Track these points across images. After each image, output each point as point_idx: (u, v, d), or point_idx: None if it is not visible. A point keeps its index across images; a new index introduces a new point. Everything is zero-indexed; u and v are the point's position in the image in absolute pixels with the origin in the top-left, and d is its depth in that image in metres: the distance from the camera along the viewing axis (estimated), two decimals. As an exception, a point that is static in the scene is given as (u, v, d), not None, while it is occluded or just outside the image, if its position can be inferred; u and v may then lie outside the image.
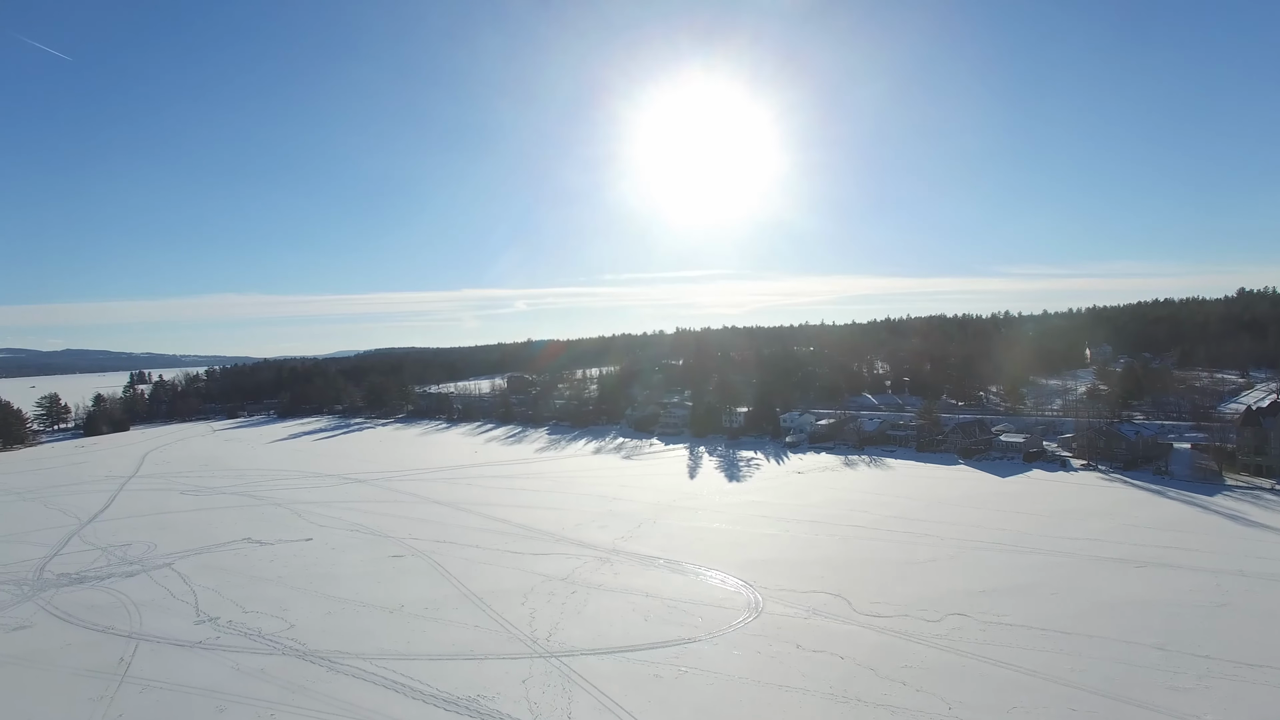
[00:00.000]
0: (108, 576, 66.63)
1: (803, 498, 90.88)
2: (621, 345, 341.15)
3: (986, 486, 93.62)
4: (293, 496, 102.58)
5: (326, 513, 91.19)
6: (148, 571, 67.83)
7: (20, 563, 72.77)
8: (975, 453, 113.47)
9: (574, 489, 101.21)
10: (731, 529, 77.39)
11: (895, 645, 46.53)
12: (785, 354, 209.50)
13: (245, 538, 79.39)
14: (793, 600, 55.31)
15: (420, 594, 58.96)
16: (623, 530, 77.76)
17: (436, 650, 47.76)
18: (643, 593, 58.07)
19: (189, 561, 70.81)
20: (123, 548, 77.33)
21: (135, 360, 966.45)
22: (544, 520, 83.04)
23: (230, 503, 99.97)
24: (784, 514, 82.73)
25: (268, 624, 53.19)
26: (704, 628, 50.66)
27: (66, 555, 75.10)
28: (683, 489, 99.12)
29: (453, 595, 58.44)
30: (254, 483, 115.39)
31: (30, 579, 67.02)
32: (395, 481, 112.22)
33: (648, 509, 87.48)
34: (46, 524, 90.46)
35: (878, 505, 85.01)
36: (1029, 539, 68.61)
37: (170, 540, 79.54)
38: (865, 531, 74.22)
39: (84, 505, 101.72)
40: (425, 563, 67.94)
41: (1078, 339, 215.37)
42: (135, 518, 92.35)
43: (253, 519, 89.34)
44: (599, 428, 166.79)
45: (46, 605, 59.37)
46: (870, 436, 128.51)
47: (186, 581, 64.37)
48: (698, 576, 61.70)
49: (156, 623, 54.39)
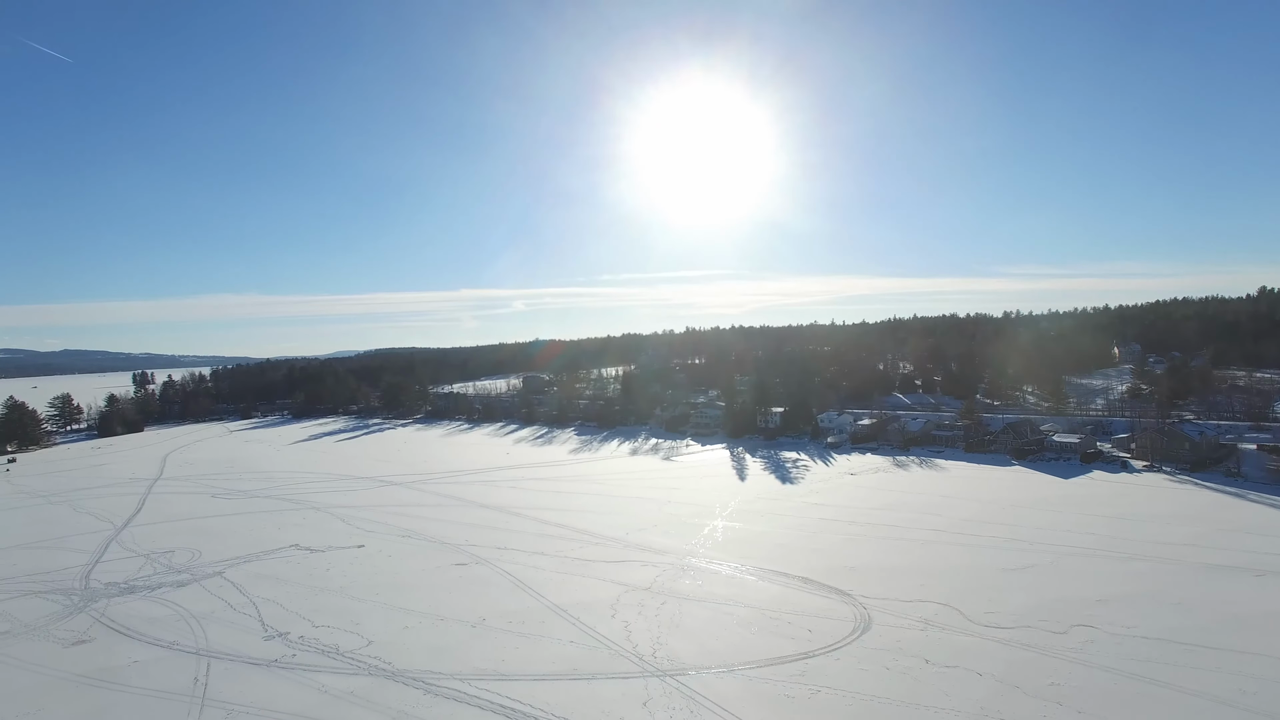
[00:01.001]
0: (158, 586, 63.07)
1: (865, 500, 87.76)
2: (624, 345, 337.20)
3: (1052, 489, 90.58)
4: (330, 500, 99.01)
5: (371, 517, 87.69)
6: (199, 581, 64.29)
7: (62, 570, 69.14)
8: (1028, 453, 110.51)
9: (623, 492, 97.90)
10: (802, 533, 74.17)
11: (1031, 660, 43.36)
12: (814, 353, 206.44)
13: (293, 544, 75.86)
14: (899, 610, 52.12)
15: (499, 606, 55.58)
16: (690, 535, 74.50)
17: (537, 669, 44.41)
18: (736, 603, 54.83)
19: (240, 570, 67.28)
20: (165, 554, 73.75)
21: (134, 360, 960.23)
22: (603, 525, 79.72)
23: (266, 507, 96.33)
24: (852, 517, 79.60)
25: (343, 640, 49.75)
26: (816, 641, 47.45)
27: (109, 563, 71.47)
28: (736, 492, 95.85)
29: (535, 607, 55.09)
30: (285, 486, 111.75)
31: (77, 588, 63.42)
32: (432, 484, 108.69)
33: (707, 513, 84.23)
34: (80, 529, 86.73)
35: (947, 508, 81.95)
36: (1122, 544, 65.55)
37: (214, 547, 75.98)
38: (945, 536, 71.10)
39: (114, 509, 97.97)
40: (493, 571, 64.52)
41: (1103, 338, 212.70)
42: (171, 522, 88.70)
43: (295, 524, 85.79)
44: (627, 428, 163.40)
45: (101, 617, 55.83)
46: (914, 437, 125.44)
47: (243, 592, 60.87)
48: (788, 585, 58.46)
49: (223, 638, 50.89)
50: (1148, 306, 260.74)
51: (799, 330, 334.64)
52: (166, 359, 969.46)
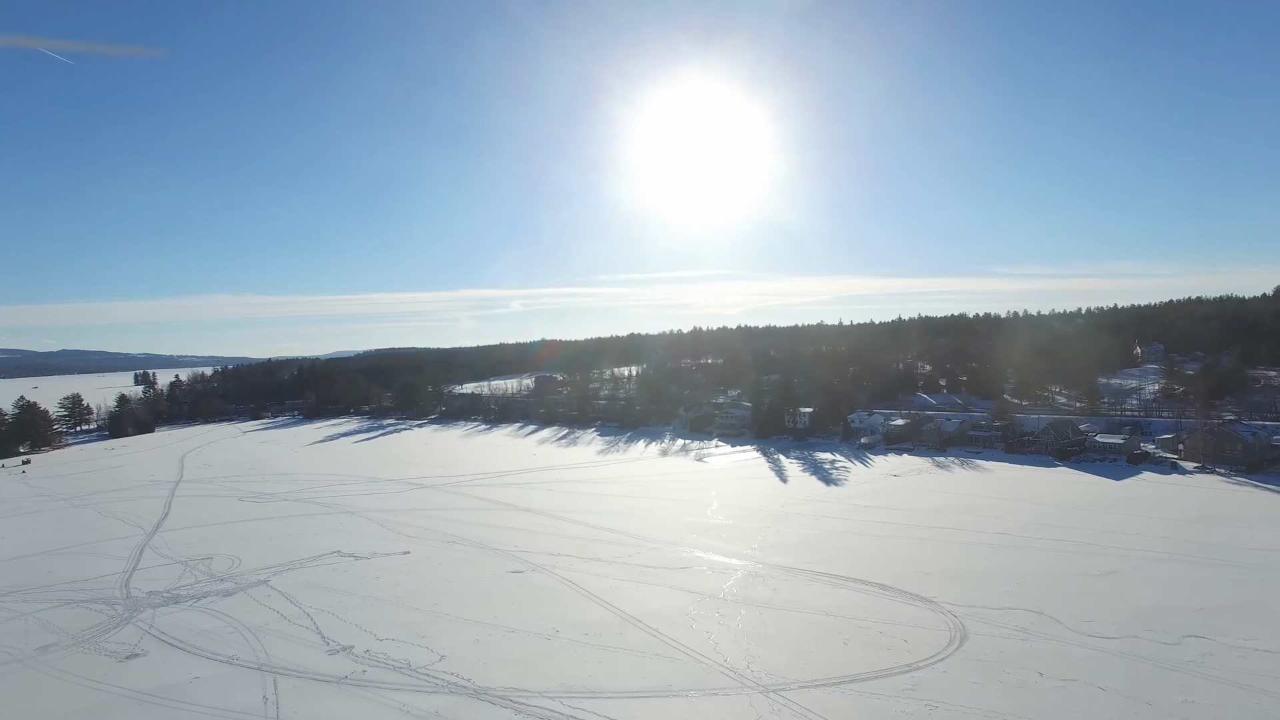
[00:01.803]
0: (203, 595, 60.36)
1: (917, 502, 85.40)
2: (625, 346, 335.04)
3: (1106, 491, 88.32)
4: (362, 504, 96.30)
5: (409, 522, 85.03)
6: (245, 590, 61.58)
7: (100, 578, 66.37)
8: (1070, 454, 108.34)
9: (664, 494, 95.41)
10: (864, 537, 71.74)
11: (1153, 674, 40.95)
12: (834, 353, 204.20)
13: (335, 550, 73.14)
14: (992, 618, 49.72)
15: (568, 616, 53.03)
16: (748, 540, 72.02)
17: (629, 684, 41.90)
18: (818, 611, 52.38)
19: (285, 578, 64.58)
20: (203, 561, 71.03)
21: (133, 360, 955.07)
22: (654, 529, 77.20)
23: (298, 510, 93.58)
24: (909, 520, 77.23)
25: (413, 654, 47.15)
26: (915, 651, 45.02)
27: (146, 570, 68.71)
28: (781, 494, 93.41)
29: (606, 617, 52.57)
30: (312, 489, 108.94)
31: (119, 597, 60.69)
32: (464, 487, 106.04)
33: (758, 515, 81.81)
34: (109, 533, 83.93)
35: (1005, 510, 79.59)
36: (1204, 549, 63.18)
37: (253, 553, 73.26)
38: (1013, 539, 68.72)
39: (141, 513, 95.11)
40: (552, 579, 61.95)
41: (1122, 338, 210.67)
42: (202, 527, 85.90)
43: (331, 529, 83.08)
44: (650, 428, 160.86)
45: (150, 629, 53.13)
46: (951, 437, 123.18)
47: (293, 602, 58.20)
48: (866, 592, 56.02)
49: (284, 652, 48.25)
50: (1165, 306, 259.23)
51: (806, 330, 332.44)
52: (165, 359, 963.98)
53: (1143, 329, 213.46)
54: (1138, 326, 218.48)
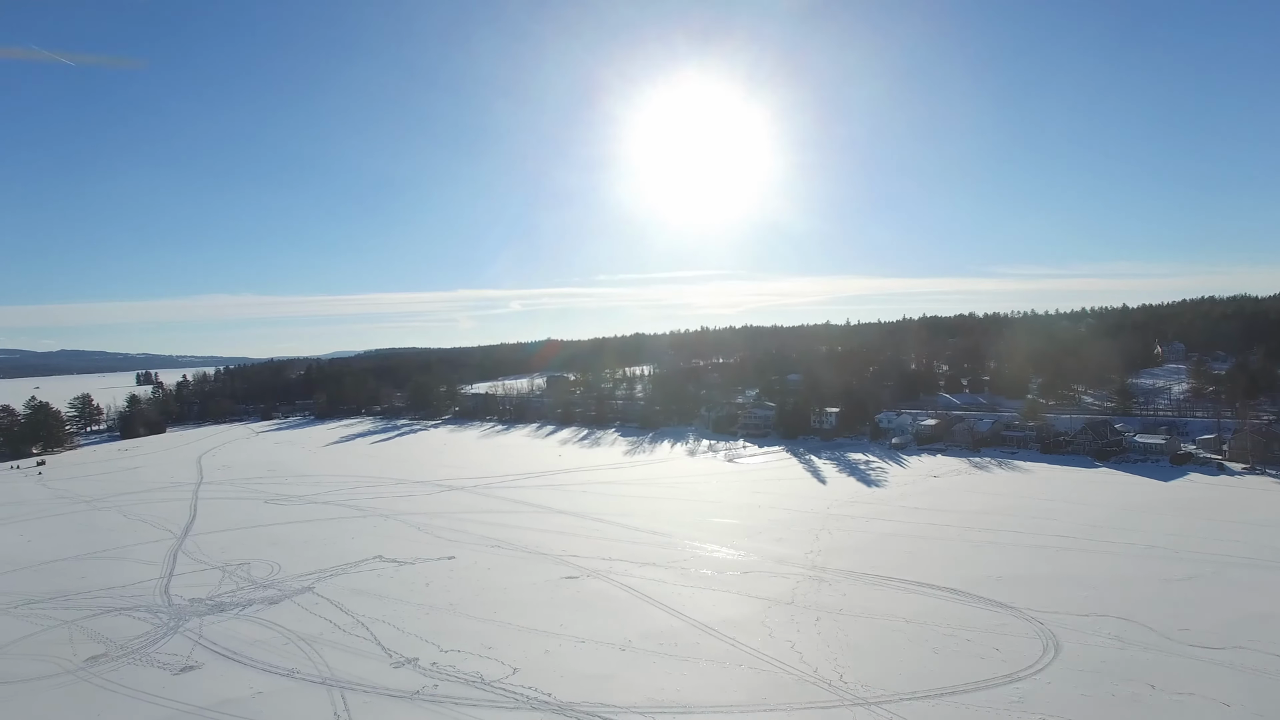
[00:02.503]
0: (249, 603, 58.13)
1: (964, 503, 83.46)
2: (626, 346, 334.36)
3: (1156, 492, 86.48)
4: (393, 506, 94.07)
5: (446, 525, 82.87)
6: (290, 597, 59.37)
7: (137, 584, 64.12)
8: (1110, 454, 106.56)
9: (703, 496, 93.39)
10: (921, 540, 69.74)
11: (1272, 688, 39.04)
12: (852, 353, 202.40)
13: (376, 555, 70.94)
14: (1081, 626, 47.70)
15: (638, 625, 50.94)
16: (803, 543, 69.99)
17: (720, 698, 39.84)
18: (895, 617, 50.38)
19: (330, 585, 62.39)
20: (241, 566, 68.80)
21: (132, 361, 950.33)
22: (702, 532, 75.16)
23: (328, 514, 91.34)
24: (962, 521, 75.33)
25: (484, 667, 44.99)
26: (1011, 661, 42.99)
27: (184, 575, 66.46)
28: (823, 495, 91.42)
29: (678, 626, 50.50)
30: (338, 491, 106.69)
31: (161, 604, 58.45)
32: (495, 489, 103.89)
33: (805, 518, 79.82)
34: (138, 537, 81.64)
35: (1060, 512, 77.64)
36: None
37: (291, 558, 71.02)
38: (1076, 542, 66.79)
39: (167, 516, 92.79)
40: (610, 586, 59.87)
41: (1141, 337, 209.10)
42: (233, 531, 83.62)
43: (367, 533, 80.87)
44: (671, 429, 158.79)
45: (199, 639, 50.91)
46: (984, 437, 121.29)
47: (344, 610, 56.00)
48: (940, 597, 54.02)
49: (345, 664, 46.06)
50: (1178, 305, 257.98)
51: (812, 329, 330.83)
52: (164, 359, 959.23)
53: (1161, 329, 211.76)
54: (1155, 326, 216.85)
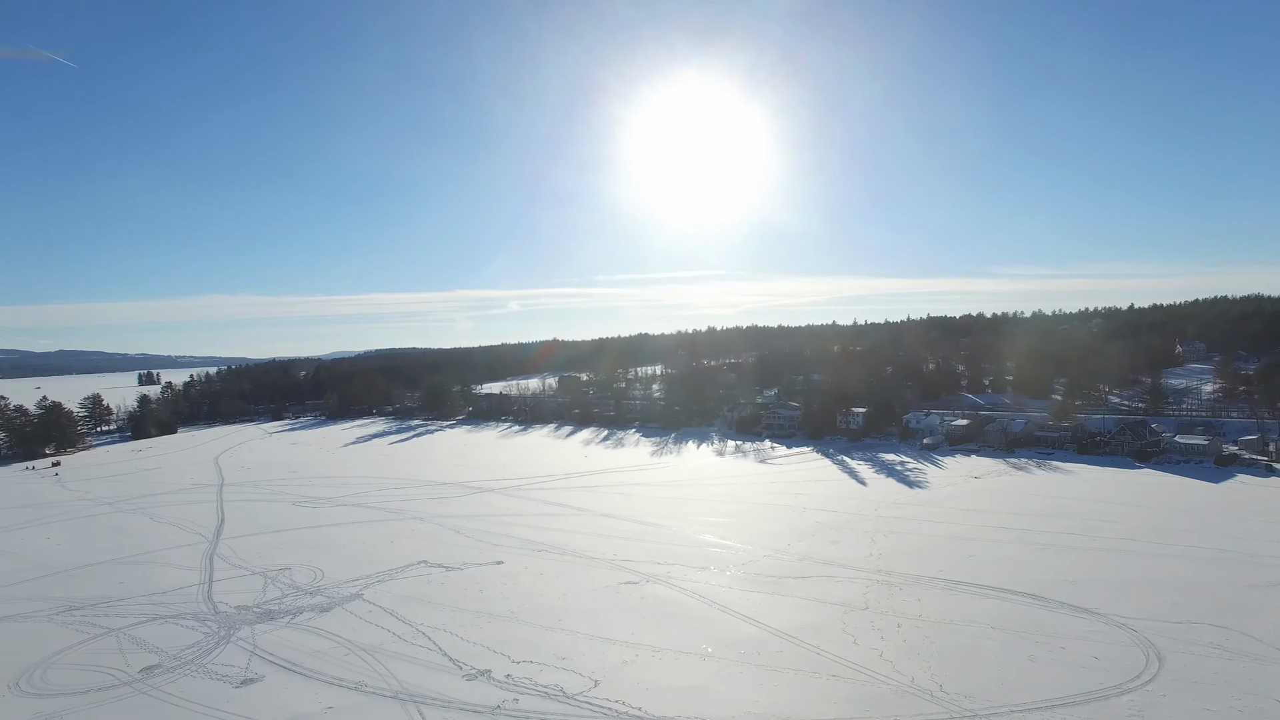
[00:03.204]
0: (298, 611, 55.99)
1: (1013, 505, 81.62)
2: (630, 346, 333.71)
3: (1208, 494, 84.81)
4: (426, 509, 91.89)
5: (485, 528, 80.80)
6: (340, 604, 57.25)
7: (178, 590, 61.95)
8: (1150, 455, 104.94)
9: (744, 498, 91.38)
10: (977, 542, 67.90)
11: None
12: (869, 353, 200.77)
13: (420, 560, 68.81)
14: (1177, 634, 45.87)
15: (713, 633, 48.97)
16: (856, 545, 68.11)
17: (821, 711, 37.85)
18: (981, 623, 48.49)
19: (378, 592, 60.26)
20: (282, 572, 66.61)
21: (131, 361, 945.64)
22: (753, 536, 73.16)
23: (360, 516, 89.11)
24: (1015, 523, 73.55)
25: (563, 679, 42.96)
26: (1115, 671, 41.14)
27: (225, 581, 64.24)
28: (865, 496, 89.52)
29: (754, 633, 48.54)
30: (365, 492, 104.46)
31: (207, 611, 56.28)
32: (527, 491, 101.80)
33: (854, 520, 77.95)
34: (170, 540, 79.37)
35: (1116, 515, 75.89)
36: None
37: (332, 563, 68.85)
38: (1141, 545, 65.02)
39: (194, 518, 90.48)
40: (672, 591, 57.87)
41: (1160, 337, 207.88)
42: (265, 534, 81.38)
43: (405, 536, 78.73)
44: (693, 429, 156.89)
45: (254, 649, 48.80)
46: (1018, 438, 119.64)
47: (399, 618, 53.90)
48: (1020, 602, 52.12)
49: (415, 677, 44.00)
50: (1194, 305, 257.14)
51: (820, 330, 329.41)
52: (163, 359, 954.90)
53: (1180, 329, 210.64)
54: (1174, 326, 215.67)
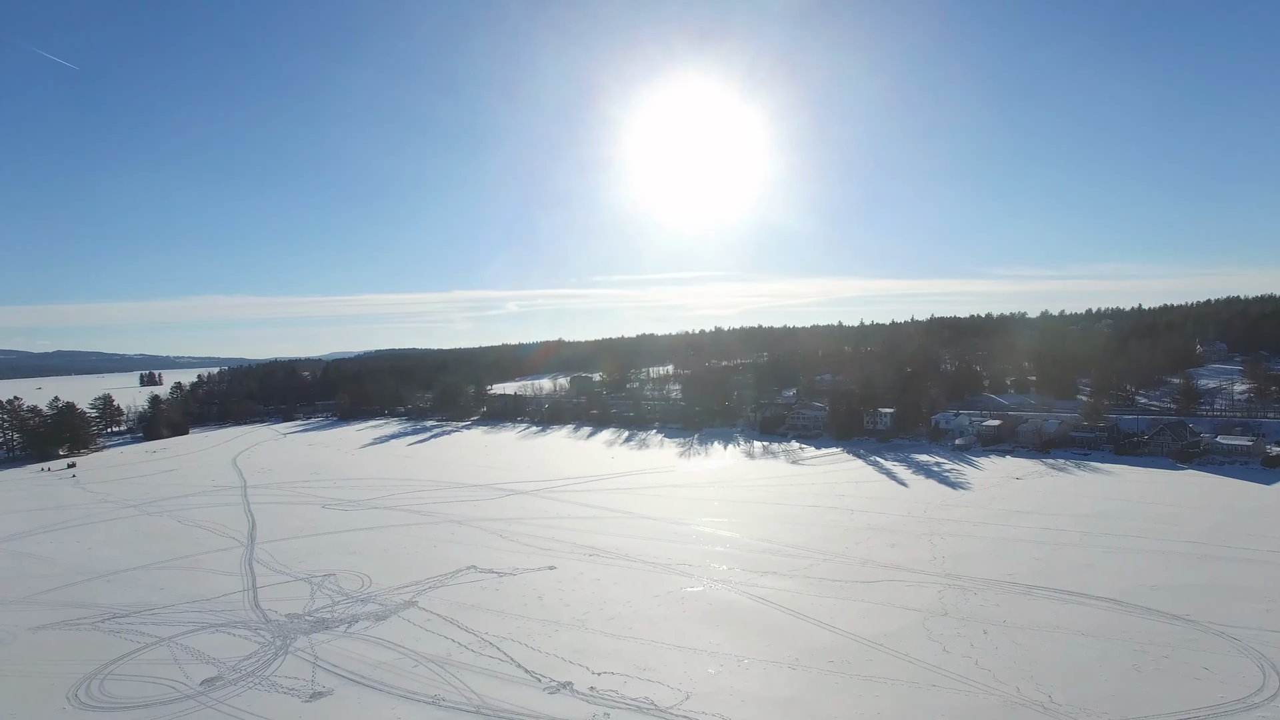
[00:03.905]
0: (353, 620, 53.92)
1: (1067, 507, 79.78)
2: (633, 346, 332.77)
3: (1264, 496, 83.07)
4: (461, 512, 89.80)
5: (528, 531, 78.76)
6: (396, 612, 55.18)
7: (222, 597, 59.79)
8: (1192, 456, 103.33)
9: (787, 500, 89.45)
10: (1042, 545, 66.01)
11: None
12: (888, 353, 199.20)
13: (469, 566, 66.73)
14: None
15: (795, 641, 47.03)
16: (916, 548, 66.25)
17: (934, 729, 36.08)
18: (1071, 630, 46.64)
19: (432, 599, 58.19)
20: (326, 577, 64.51)
21: (129, 361, 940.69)
22: (806, 538, 71.22)
23: (395, 520, 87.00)
24: (1075, 525, 71.82)
25: (652, 692, 41.01)
26: (1233, 684, 39.29)
27: (269, 588, 62.05)
28: (911, 498, 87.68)
29: (837, 641, 46.66)
30: (394, 495, 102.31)
31: (257, 620, 54.16)
32: (560, 493, 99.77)
33: (907, 522, 76.10)
34: (203, 544, 77.13)
35: (1176, 517, 74.18)
36: None
37: (377, 569, 66.76)
38: (1210, 549, 63.24)
39: (223, 521, 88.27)
40: (740, 596, 55.92)
41: (1179, 337, 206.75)
42: (300, 539, 79.19)
43: (446, 540, 76.67)
44: (716, 429, 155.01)
45: (316, 660, 46.69)
46: (1052, 438, 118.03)
47: (461, 626, 51.85)
48: (1103, 608, 50.28)
49: (493, 690, 42.00)
50: (1206, 305, 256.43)
51: (827, 330, 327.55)
52: (162, 360, 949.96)
53: (1201, 329, 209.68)
54: (1192, 326, 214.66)
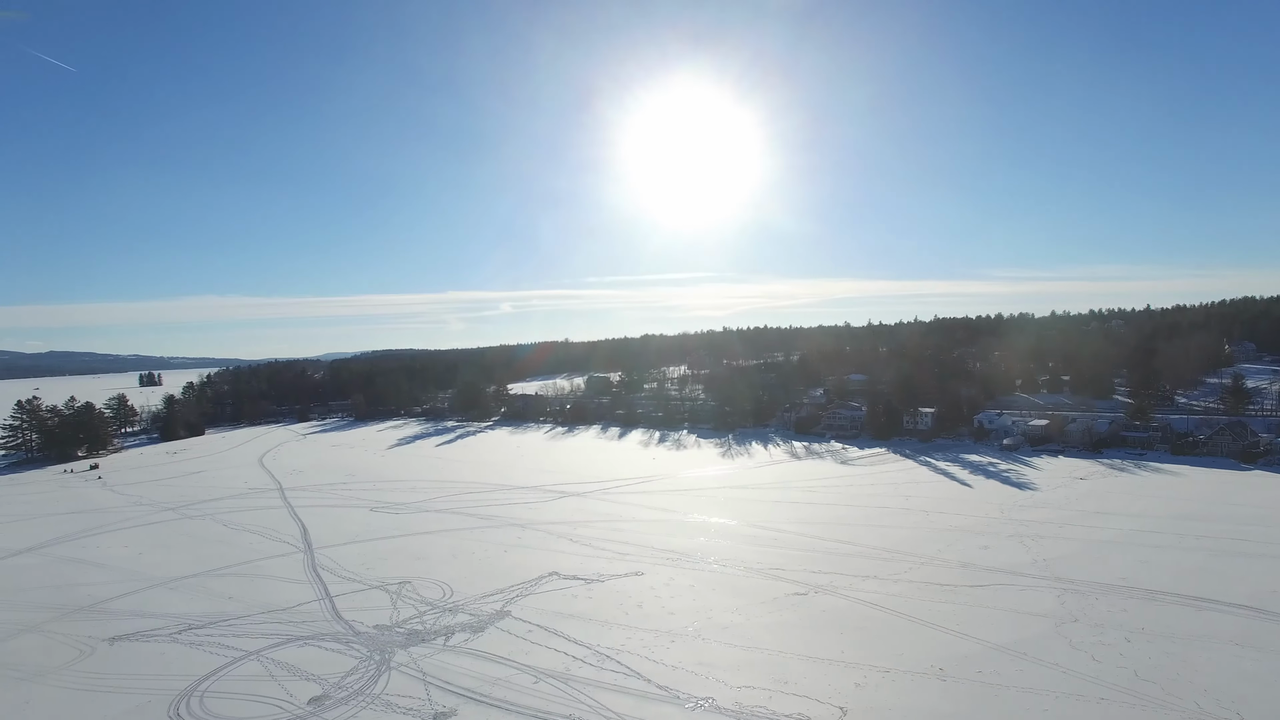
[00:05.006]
0: (449, 631, 50.79)
1: (1144, 508, 77.62)
2: (619, 348, 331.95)
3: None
4: (520, 515, 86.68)
5: (598, 535, 75.81)
6: (492, 624, 52.06)
7: (298, 607, 56.53)
8: (1256, 457, 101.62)
9: (854, 501, 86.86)
10: (1141, 547, 63.63)
11: None
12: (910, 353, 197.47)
13: (551, 572, 63.74)
14: None
15: (933, 649, 44.34)
16: (1012, 550, 63.72)
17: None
18: (1224, 640, 44.03)
19: (523, 608, 55.14)
20: (402, 585, 61.38)
21: (123, 362, 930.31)
22: (892, 542, 68.57)
23: (452, 524, 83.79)
24: (1168, 527, 69.60)
25: (805, 707, 38.16)
26: None
27: (345, 597, 58.81)
28: (978, 499, 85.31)
29: (975, 648, 43.95)
30: (439, 498, 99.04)
31: (344, 632, 50.91)
32: (615, 494, 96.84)
33: (988, 523, 73.74)
34: (257, 551, 73.71)
35: (1269, 518, 72.17)
36: None
37: (455, 576, 63.59)
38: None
39: (270, 525, 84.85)
40: (851, 603, 53.21)
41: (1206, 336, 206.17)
42: (357, 544, 75.90)
43: (514, 544, 73.61)
44: (749, 430, 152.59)
45: (425, 676, 43.57)
46: (1103, 438, 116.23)
47: (568, 637, 48.81)
48: (1243, 615, 47.89)
49: (632, 708, 39.03)
50: (1225, 305, 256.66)
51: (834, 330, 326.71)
52: (156, 360, 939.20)
53: (1227, 328, 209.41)
54: (1220, 326, 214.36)
